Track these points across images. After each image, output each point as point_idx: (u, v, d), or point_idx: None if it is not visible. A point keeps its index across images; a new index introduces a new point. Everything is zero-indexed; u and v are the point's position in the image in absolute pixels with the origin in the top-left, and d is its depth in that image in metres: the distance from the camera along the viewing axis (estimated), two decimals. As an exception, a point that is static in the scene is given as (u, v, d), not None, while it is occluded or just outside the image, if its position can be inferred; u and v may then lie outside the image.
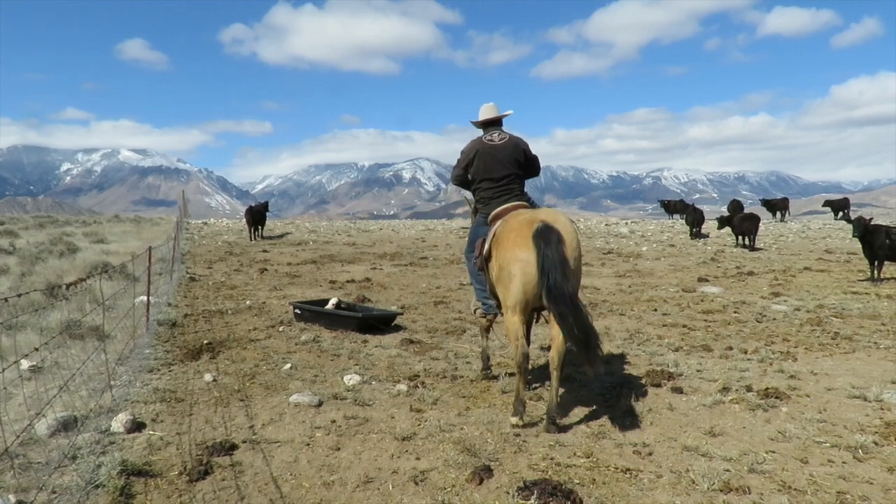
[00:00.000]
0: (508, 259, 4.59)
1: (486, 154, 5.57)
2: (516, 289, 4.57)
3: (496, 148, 5.59)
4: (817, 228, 28.72)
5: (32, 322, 7.74)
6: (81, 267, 13.30)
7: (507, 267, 4.60)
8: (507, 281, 4.62)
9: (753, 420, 4.97)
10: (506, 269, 4.61)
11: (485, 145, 5.61)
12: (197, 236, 25.20)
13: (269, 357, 6.99)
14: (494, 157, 5.57)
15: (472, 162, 5.63)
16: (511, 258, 4.57)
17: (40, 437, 4.37)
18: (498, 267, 4.75)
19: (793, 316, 9.40)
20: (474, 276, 5.90)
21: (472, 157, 5.62)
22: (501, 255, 4.69)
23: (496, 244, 4.90)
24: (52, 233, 23.39)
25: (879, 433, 4.62)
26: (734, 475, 3.94)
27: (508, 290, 4.62)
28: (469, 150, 5.67)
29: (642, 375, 6.14)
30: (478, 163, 5.59)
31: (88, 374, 5.80)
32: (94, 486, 3.66)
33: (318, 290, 12.24)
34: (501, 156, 5.58)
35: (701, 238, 24.58)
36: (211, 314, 9.59)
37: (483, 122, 5.80)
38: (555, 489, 3.62)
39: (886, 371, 6.32)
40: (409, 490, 3.79)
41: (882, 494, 3.72)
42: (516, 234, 4.61)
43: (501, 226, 4.97)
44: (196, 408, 5.23)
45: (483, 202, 5.66)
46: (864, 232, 12.78)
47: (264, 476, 3.95)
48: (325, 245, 22.55)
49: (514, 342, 4.69)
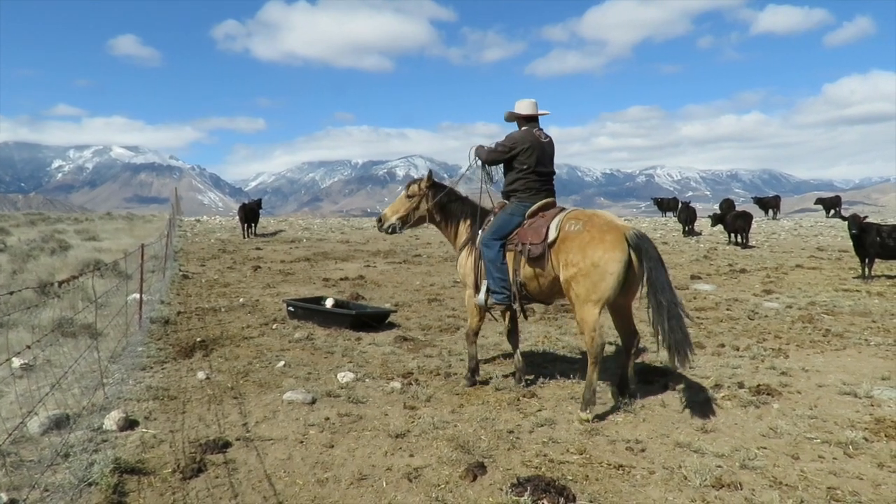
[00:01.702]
0: (606, 259, 4.90)
1: (539, 148, 5.66)
2: (608, 285, 4.91)
3: (546, 144, 5.75)
4: (809, 226, 28.89)
5: (24, 320, 7.70)
6: (73, 264, 13.22)
7: (602, 265, 4.91)
8: (597, 277, 4.93)
9: (745, 416, 5.00)
10: (601, 266, 4.91)
11: (536, 139, 5.68)
12: (190, 234, 25.10)
13: (262, 355, 6.98)
14: (545, 153, 5.72)
15: (523, 151, 5.64)
16: (610, 258, 4.89)
17: (32, 436, 4.35)
18: (586, 264, 4.98)
19: (784, 313, 9.46)
20: (496, 264, 5.58)
21: (525, 147, 5.63)
22: (593, 254, 4.95)
23: (576, 241, 5.09)
24: (44, 230, 23.24)
25: (870, 429, 4.66)
26: (726, 471, 3.97)
27: (597, 286, 4.93)
28: (521, 139, 5.66)
29: (635, 372, 6.16)
30: (530, 154, 5.63)
31: (81, 372, 5.78)
32: (87, 484, 3.66)
33: (311, 288, 12.22)
34: (550, 152, 5.79)
35: (694, 236, 24.68)
36: (204, 312, 9.56)
37: (527, 116, 5.84)
38: (548, 485, 3.64)
39: (877, 368, 6.37)
40: (403, 487, 3.79)
41: (872, 490, 3.75)
42: (613, 236, 4.96)
43: (581, 225, 5.17)
44: (189, 405, 5.22)
45: (528, 192, 5.67)
46: (859, 229, 12.88)
47: (258, 473, 3.95)
48: (319, 242, 22.50)
49: (594, 332, 5.00)
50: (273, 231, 26.91)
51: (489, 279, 5.64)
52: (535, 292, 5.56)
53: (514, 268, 5.52)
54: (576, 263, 5.04)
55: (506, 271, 5.56)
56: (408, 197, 6.21)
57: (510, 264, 5.55)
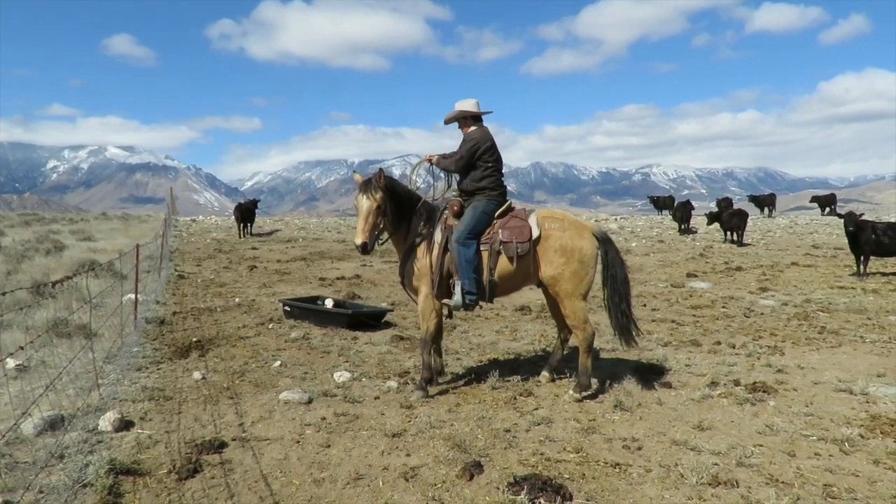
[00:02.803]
0: (590, 255, 5.47)
1: (495, 145, 5.69)
2: (591, 279, 5.50)
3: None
4: (804, 224, 28.97)
5: (18, 320, 7.66)
6: (68, 265, 13.18)
7: (587, 261, 5.45)
8: (584, 273, 5.45)
9: (741, 414, 5.01)
10: (585, 262, 5.44)
11: (492, 136, 5.70)
12: (185, 234, 25.04)
13: (258, 354, 6.96)
14: (498, 150, 5.73)
15: (487, 149, 5.60)
16: (592, 255, 5.48)
17: (27, 437, 4.33)
18: (580, 261, 5.43)
19: (780, 311, 9.48)
20: (472, 263, 5.44)
21: (488, 145, 5.60)
22: (580, 252, 5.43)
23: (560, 240, 5.44)
24: (39, 231, 23.16)
25: (865, 426, 4.67)
26: (722, 469, 3.98)
27: (583, 281, 5.46)
28: (482, 138, 5.62)
29: (631, 370, 6.17)
30: (493, 152, 5.65)
31: (76, 372, 5.75)
32: (82, 485, 3.64)
33: (307, 288, 12.20)
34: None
35: (690, 234, 24.73)
36: (200, 312, 9.53)
37: (476, 115, 5.77)
38: (545, 484, 3.63)
39: (872, 365, 6.39)
40: (400, 486, 3.79)
41: (868, 487, 3.76)
42: (589, 234, 5.54)
43: (559, 225, 5.53)
44: (185, 406, 5.20)
45: (497, 189, 5.65)
46: (856, 226, 12.92)
47: (254, 474, 3.94)
48: (315, 242, 22.47)
49: (586, 323, 5.51)
50: (269, 231, 26.87)
51: (465, 279, 5.42)
52: (504, 290, 5.70)
53: (488, 266, 5.48)
54: (562, 261, 5.40)
55: (481, 270, 5.51)
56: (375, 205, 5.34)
57: (485, 263, 5.49)
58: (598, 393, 5.55)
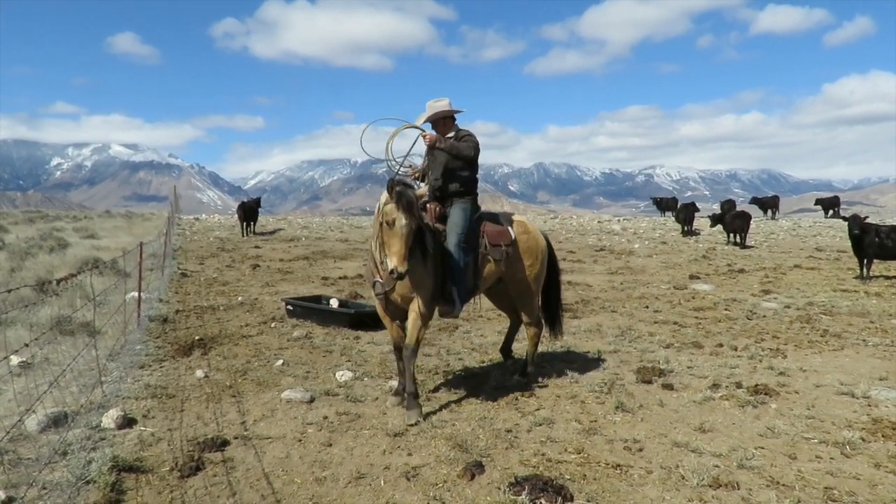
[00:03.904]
0: (545, 255, 5.92)
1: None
2: (544, 276, 5.98)
3: None
4: (808, 226, 28.90)
5: (22, 318, 7.69)
6: (72, 262, 13.21)
7: (543, 260, 5.87)
8: (541, 272, 5.89)
9: (743, 416, 5.01)
10: (542, 261, 5.85)
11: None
12: (188, 232, 25.08)
13: (260, 353, 6.98)
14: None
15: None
16: (546, 255, 5.94)
17: (30, 434, 4.35)
18: (541, 261, 5.84)
19: (783, 313, 9.47)
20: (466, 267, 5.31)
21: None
22: (541, 252, 5.82)
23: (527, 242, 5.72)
24: (42, 228, 23.22)
25: (867, 429, 4.67)
26: (723, 471, 3.98)
27: (541, 278, 5.91)
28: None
29: (633, 372, 6.18)
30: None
31: (79, 370, 5.77)
32: (85, 482, 3.66)
33: (310, 287, 12.22)
34: None
35: (693, 235, 24.70)
36: (203, 310, 9.56)
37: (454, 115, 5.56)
38: (546, 485, 3.64)
39: (874, 368, 6.38)
40: (401, 486, 3.80)
41: (869, 490, 3.76)
42: (541, 235, 5.97)
43: (521, 227, 5.76)
44: (187, 404, 5.22)
45: (476, 193, 5.58)
46: (860, 229, 12.89)
47: (256, 472, 3.95)
48: (318, 241, 22.49)
49: (540, 318, 6.08)
50: (272, 230, 26.89)
51: (458, 286, 5.22)
52: (482, 292, 5.87)
53: (476, 270, 5.41)
54: (530, 262, 5.72)
55: (468, 274, 5.39)
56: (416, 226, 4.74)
57: (471, 267, 5.39)
58: (599, 395, 5.55)
